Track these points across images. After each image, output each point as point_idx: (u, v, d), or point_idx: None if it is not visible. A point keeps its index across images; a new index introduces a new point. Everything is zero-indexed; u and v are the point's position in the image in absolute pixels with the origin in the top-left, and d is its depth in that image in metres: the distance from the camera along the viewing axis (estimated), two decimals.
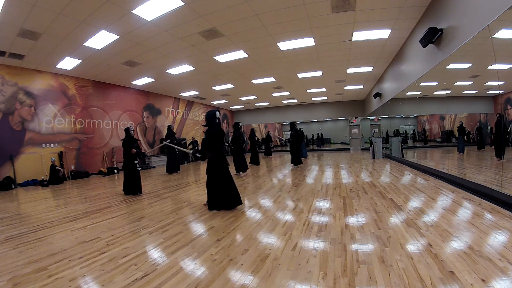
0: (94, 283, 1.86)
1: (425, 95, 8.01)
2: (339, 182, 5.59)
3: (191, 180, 7.15)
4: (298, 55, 7.60)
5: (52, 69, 7.66)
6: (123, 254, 2.34)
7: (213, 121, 3.80)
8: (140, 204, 4.40)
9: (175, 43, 6.34)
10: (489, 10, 3.21)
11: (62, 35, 5.51)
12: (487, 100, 6.21)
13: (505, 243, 2.15)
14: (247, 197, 4.55)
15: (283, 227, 2.89)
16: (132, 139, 5.41)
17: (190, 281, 1.83)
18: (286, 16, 5.23)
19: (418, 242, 2.27)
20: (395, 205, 3.51)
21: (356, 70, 9.51)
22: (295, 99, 15.92)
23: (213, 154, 3.76)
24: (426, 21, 5.12)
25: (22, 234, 3.05)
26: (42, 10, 4.49)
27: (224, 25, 5.54)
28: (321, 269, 1.91)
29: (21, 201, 5.30)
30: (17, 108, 7.24)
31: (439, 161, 8.65)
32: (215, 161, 3.75)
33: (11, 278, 1.97)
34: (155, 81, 9.85)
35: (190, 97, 13.69)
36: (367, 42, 6.74)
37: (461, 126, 7.14)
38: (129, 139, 5.36)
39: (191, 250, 2.37)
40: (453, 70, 5.63)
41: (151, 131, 11.88)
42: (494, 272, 1.71)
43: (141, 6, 4.61)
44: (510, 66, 4.12)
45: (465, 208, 3.26)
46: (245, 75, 9.59)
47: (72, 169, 8.50)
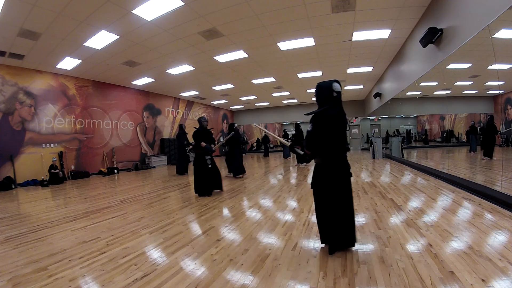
0: (94, 283, 1.86)
1: (425, 95, 8.01)
2: None
3: (191, 180, 7.14)
4: (298, 55, 7.60)
5: (52, 69, 7.65)
6: (123, 254, 2.34)
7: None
8: (140, 204, 4.40)
9: (175, 43, 6.34)
10: (489, 10, 3.21)
11: (62, 35, 5.51)
12: (487, 100, 6.21)
13: (505, 243, 2.15)
14: (247, 197, 4.54)
15: (283, 227, 2.89)
16: (205, 130, 4.87)
17: (190, 281, 1.83)
18: (286, 16, 5.23)
19: (418, 242, 2.27)
20: (395, 205, 3.51)
21: (356, 70, 9.51)
22: (295, 99, 15.92)
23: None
24: (426, 21, 5.12)
25: (22, 234, 3.05)
26: (42, 10, 4.49)
27: (224, 25, 5.54)
28: (321, 269, 1.91)
29: (21, 201, 5.30)
30: (17, 108, 7.24)
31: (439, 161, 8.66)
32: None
33: (11, 278, 1.97)
34: (155, 81, 9.85)
35: (190, 97, 13.69)
36: (367, 42, 6.74)
37: (473, 125, 7.18)
38: (201, 130, 4.82)
39: (191, 250, 2.37)
40: (453, 70, 5.63)
41: (151, 131, 11.88)
42: (494, 272, 1.71)
43: (141, 6, 4.61)
44: (510, 66, 4.12)
45: (465, 208, 3.26)
46: (245, 75, 9.59)
47: (72, 169, 8.50)
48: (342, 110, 2.20)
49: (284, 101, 16.31)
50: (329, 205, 2.16)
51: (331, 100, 2.16)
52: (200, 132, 4.80)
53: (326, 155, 2.17)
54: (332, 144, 2.14)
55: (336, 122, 2.13)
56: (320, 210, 2.24)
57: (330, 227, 2.16)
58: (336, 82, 2.19)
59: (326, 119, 2.11)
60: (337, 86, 2.17)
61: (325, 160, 2.19)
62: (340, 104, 2.20)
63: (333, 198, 2.14)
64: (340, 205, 2.14)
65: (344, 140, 2.22)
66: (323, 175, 2.18)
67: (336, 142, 2.15)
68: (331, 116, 2.12)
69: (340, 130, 2.17)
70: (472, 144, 7.24)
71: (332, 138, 2.13)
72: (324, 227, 2.22)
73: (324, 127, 2.12)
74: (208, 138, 4.85)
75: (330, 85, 2.17)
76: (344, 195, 2.16)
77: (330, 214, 2.16)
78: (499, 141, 5.56)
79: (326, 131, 2.11)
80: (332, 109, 2.14)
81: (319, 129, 2.13)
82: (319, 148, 2.17)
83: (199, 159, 4.75)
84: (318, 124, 2.14)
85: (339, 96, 2.18)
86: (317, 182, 2.23)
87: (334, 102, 2.16)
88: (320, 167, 2.23)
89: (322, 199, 2.21)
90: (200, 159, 4.74)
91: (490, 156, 5.84)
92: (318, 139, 2.15)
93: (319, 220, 2.26)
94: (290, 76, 10.06)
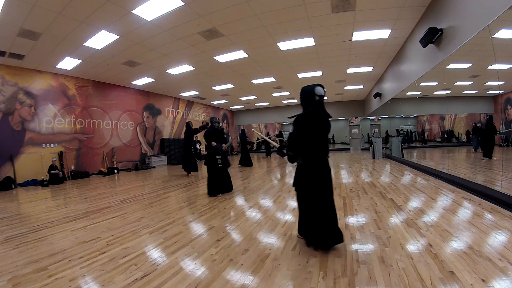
0: (94, 283, 1.86)
1: (425, 95, 8.01)
2: (339, 182, 5.59)
3: (191, 180, 7.14)
4: (298, 55, 7.60)
5: (52, 69, 7.66)
6: (123, 254, 2.34)
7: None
8: (140, 204, 4.40)
9: (175, 43, 6.34)
10: (489, 10, 3.21)
11: (62, 35, 5.51)
12: (487, 100, 6.21)
13: (505, 243, 2.15)
14: (247, 197, 4.54)
15: (283, 227, 2.89)
16: (216, 130, 4.89)
17: (190, 281, 1.83)
18: (286, 16, 5.23)
19: (418, 242, 2.27)
20: (395, 205, 3.51)
21: (356, 70, 9.51)
22: (295, 99, 15.91)
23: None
24: (426, 21, 5.12)
25: (22, 234, 3.05)
26: (42, 10, 4.49)
27: (224, 25, 5.54)
28: (321, 269, 1.91)
29: (21, 201, 5.30)
30: (17, 108, 7.24)
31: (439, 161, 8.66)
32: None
33: (11, 278, 1.97)
34: (155, 81, 9.85)
35: (190, 97, 13.69)
36: (367, 42, 6.74)
37: (475, 125, 7.21)
38: (212, 131, 4.85)
39: (191, 250, 2.37)
40: (453, 70, 5.63)
41: (151, 131, 11.88)
42: (494, 272, 1.71)
43: (141, 6, 4.61)
44: (510, 66, 4.12)
45: (465, 208, 3.26)
46: (245, 75, 9.59)
47: (72, 169, 8.50)
48: (325, 113, 2.29)
49: (284, 101, 16.31)
50: (309, 204, 2.27)
51: (313, 104, 2.25)
52: (211, 132, 4.85)
53: (306, 156, 2.27)
54: (312, 146, 2.24)
55: (316, 125, 2.23)
56: (302, 209, 2.37)
57: (310, 225, 2.28)
58: (319, 86, 2.28)
59: (306, 122, 2.22)
60: (320, 90, 2.26)
61: (305, 162, 2.29)
62: (322, 107, 2.28)
63: (313, 198, 2.25)
64: (320, 205, 2.23)
65: (325, 142, 2.30)
66: (304, 176, 2.29)
67: (317, 144, 2.25)
68: (312, 119, 2.22)
69: (321, 133, 2.26)
70: (474, 143, 7.25)
71: (312, 141, 2.23)
72: (305, 223, 2.36)
73: (304, 129, 2.22)
74: (219, 138, 4.87)
75: (312, 89, 2.26)
76: (324, 195, 2.24)
77: (310, 212, 2.27)
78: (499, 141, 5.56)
79: (306, 134, 2.22)
80: (314, 112, 2.24)
81: (299, 132, 2.24)
82: (299, 149, 2.29)
83: (210, 159, 4.78)
84: (299, 126, 2.24)
85: (321, 99, 2.27)
86: (298, 182, 2.33)
87: (316, 105, 2.25)
88: (302, 168, 2.32)
89: (303, 198, 2.33)
90: (212, 158, 4.76)
91: (490, 157, 5.85)
92: (298, 141, 2.26)
93: (301, 217, 2.42)
94: (290, 76, 10.06)
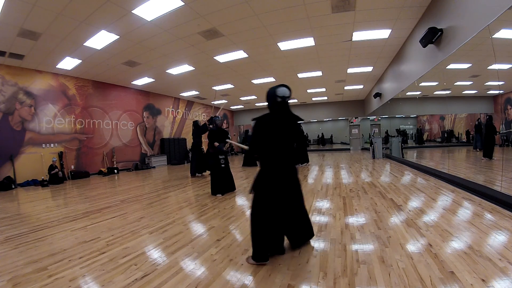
0: (94, 283, 1.86)
1: (425, 95, 8.02)
2: (339, 182, 5.59)
3: (191, 180, 7.14)
4: (298, 55, 7.60)
5: (52, 69, 7.66)
6: (123, 254, 2.34)
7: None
8: (140, 204, 4.40)
9: (175, 43, 6.34)
10: (489, 10, 3.21)
11: (62, 35, 5.51)
12: (487, 100, 6.21)
13: (505, 243, 2.15)
14: (247, 197, 4.54)
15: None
16: (219, 130, 4.86)
17: (190, 281, 1.83)
18: (286, 16, 5.23)
19: (418, 242, 2.27)
20: (395, 205, 3.51)
21: (356, 70, 9.51)
22: (295, 99, 15.91)
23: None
24: (426, 21, 5.12)
25: (22, 234, 3.05)
26: (42, 10, 4.49)
27: (224, 25, 5.54)
28: (321, 269, 1.91)
29: (21, 201, 5.30)
30: (17, 108, 7.24)
31: (439, 161, 8.66)
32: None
33: (11, 278, 1.97)
34: (155, 81, 9.85)
35: (190, 97, 13.69)
36: (367, 42, 6.74)
37: (478, 123, 7.22)
38: (216, 130, 4.83)
39: (191, 250, 2.37)
40: (453, 70, 5.63)
41: (151, 131, 11.88)
42: (494, 272, 1.71)
43: (141, 6, 4.61)
44: (510, 66, 4.12)
45: (465, 208, 3.26)
46: (245, 75, 9.59)
47: (72, 169, 8.51)
48: (289, 116, 2.16)
49: None
50: (260, 211, 2.08)
51: (275, 106, 2.14)
52: (215, 131, 4.84)
53: (264, 160, 2.15)
54: (270, 149, 2.10)
55: (273, 128, 2.09)
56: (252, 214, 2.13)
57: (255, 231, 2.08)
58: (282, 87, 2.15)
59: (263, 124, 2.11)
60: (282, 91, 2.13)
61: (262, 165, 2.16)
62: (285, 109, 2.15)
63: (265, 204, 2.07)
64: (271, 213, 2.06)
65: (286, 146, 2.14)
66: (261, 179, 2.14)
67: (274, 147, 2.10)
68: (269, 121, 2.11)
69: (280, 136, 2.11)
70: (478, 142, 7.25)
71: (270, 144, 2.09)
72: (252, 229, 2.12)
73: (261, 132, 2.10)
74: (223, 137, 4.84)
75: (274, 91, 2.14)
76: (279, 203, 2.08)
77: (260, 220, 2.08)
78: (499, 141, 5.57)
79: (264, 136, 2.10)
80: (274, 115, 2.13)
81: (256, 134, 2.12)
82: (258, 152, 2.18)
83: (213, 159, 4.78)
84: (256, 129, 2.13)
85: (284, 100, 2.13)
86: (255, 185, 2.17)
87: (277, 107, 2.13)
88: (260, 171, 2.18)
89: (256, 203, 2.13)
90: (214, 158, 4.76)
91: (490, 157, 5.85)
92: (256, 144, 2.14)
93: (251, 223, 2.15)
94: (290, 76, 10.06)
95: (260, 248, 2.05)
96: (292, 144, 2.21)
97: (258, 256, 2.05)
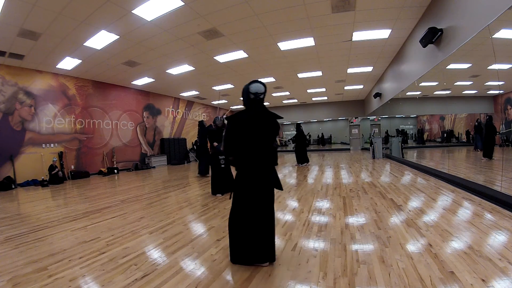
0: (94, 283, 1.86)
1: (425, 95, 8.01)
2: (339, 182, 5.59)
3: (191, 180, 7.15)
4: (298, 55, 7.60)
5: (52, 69, 7.66)
6: (123, 254, 2.34)
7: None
8: (140, 204, 4.40)
9: (175, 43, 6.34)
10: (489, 10, 3.21)
11: (62, 35, 5.51)
12: (487, 100, 6.21)
13: (505, 243, 2.15)
14: None
15: (283, 227, 2.89)
16: (219, 130, 4.91)
17: (190, 281, 1.83)
18: (286, 16, 5.23)
19: (418, 242, 2.27)
20: (395, 205, 3.51)
21: (356, 70, 9.51)
22: (295, 99, 15.92)
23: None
24: (426, 21, 5.12)
25: (22, 234, 3.05)
26: (42, 10, 4.49)
27: (224, 25, 5.54)
28: (321, 269, 1.91)
29: (21, 201, 5.30)
30: (17, 108, 7.24)
31: (439, 161, 8.66)
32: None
33: (11, 278, 1.97)
34: (155, 81, 9.85)
35: (190, 97, 13.69)
36: (367, 42, 6.74)
37: (478, 123, 7.24)
38: (216, 130, 4.89)
39: (191, 250, 2.37)
40: (453, 70, 5.63)
41: (151, 131, 11.88)
42: (494, 272, 1.71)
43: (141, 6, 4.61)
44: (510, 66, 4.12)
45: (465, 208, 3.26)
46: (245, 75, 9.58)
47: (72, 169, 8.50)
48: (263, 113, 2.04)
49: (284, 101, 16.31)
50: (237, 213, 2.05)
51: (248, 103, 2.05)
52: (214, 131, 4.92)
53: (238, 161, 2.06)
54: (244, 149, 2.00)
55: (244, 126, 1.99)
56: (230, 217, 2.10)
57: (231, 234, 2.07)
58: (255, 83, 2.03)
59: (234, 123, 2.02)
60: (255, 87, 2.01)
61: (237, 167, 2.08)
62: (258, 106, 2.03)
63: (240, 205, 2.03)
64: (246, 215, 2.00)
65: (260, 145, 2.01)
66: (237, 182, 2.07)
67: (246, 146, 1.99)
68: (239, 120, 2.01)
69: (254, 135, 1.99)
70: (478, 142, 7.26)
71: (241, 142, 1.99)
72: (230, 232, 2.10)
73: (234, 132, 2.01)
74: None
75: (247, 88, 2.03)
76: (253, 205, 1.99)
77: (236, 222, 2.04)
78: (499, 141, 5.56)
79: (235, 135, 2.01)
80: (246, 113, 2.03)
81: (229, 134, 2.04)
82: (232, 154, 2.07)
83: (214, 159, 4.82)
84: (228, 128, 2.05)
85: (257, 97, 2.02)
86: (233, 189, 2.12)
87: (250, 105, 2.04)
88: (236, 174, 2.10)
89: (233, 206, 2.09)
90: (214, 159, 4.80)
91: (490, 157, 5.85)
92: (229, 144, 2.05)
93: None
94: (290, 76, 10.06)
95: (233, 249, 2.06)
96: (268, 143, 2.06)
97: (232, 257, 2.07)
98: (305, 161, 9.05)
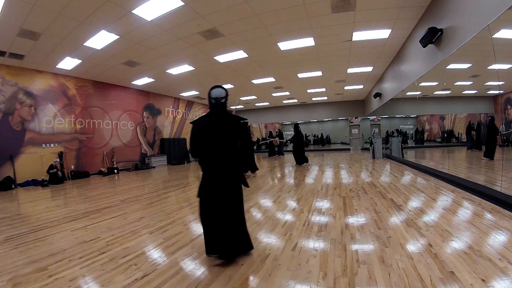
0: (94, 283, 1.86)
1: (425, 95, 8.01)
2: (339, 182, 5.59)
3: (191, 180, 7.14)
4: (298, 55, 7.59)
5: (52, 69, 7.66)
6: (123, 254, 2.34)
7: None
8: (140, 204, 4.40)
9: (175, 43, 6.33)
10: (489, 10, 3.21)
11: (62, 35, 5.51)
12: (487, 100, 6.21)
13: (505, 243, 2.15)
14: (247, 197, 4.54)
15: (283, 227, 2.89)
16: None
17: (190, 281, 1.83)
18: (286, 16, 5.23)
19: (418, 242, 2.27)
20: (395, 205, 3.51)
21: (356, 70, 9.51)
22: (295, 99, 15.91)
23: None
24: (426, 21, 5.12)
25: (22, 234, 3.05)
26: (42, 10, 4.49)
27: (224, 25, 5.54)
28: (321, 269, 1.91)
29: (21, 201, 5.30)
30: (17, 108, 7.24)
31: (439, 161, 8.66)
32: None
33: (11, 278, 1.97)
34: (155, 81, 9.85)
35: (190, 97, 13.69)
36: (367, 42, 6.74)
37: (470, 125, 7.29)
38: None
39: (191, 250, 2.37)
40: (453, 70, 5.63)
41: (151, 131, 11.88)
42: (494, 272, 1.71)
43: (141, 6, 4.61)
44: (510, 66, 4.12)
45: (465, 208, 3.26)
46: (245, 75, 9.59)
47: (72, 169, 8.50)
48: (223, 117, 2.14)
49: (284, 101, 16.30)
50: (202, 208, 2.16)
51: (211, 107, 2.19)
52: None
53: (201, 160, 2.18)
54: (202, 152, 2.14)
55: (206, 129, 2.10)
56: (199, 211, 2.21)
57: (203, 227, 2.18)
58: (215, 88, 2.17)
59: (197, 127, 2.16)
60: (215, 93, 2.17)
61: (201, 165, 2.19)
62: (219, 110, 2.15)
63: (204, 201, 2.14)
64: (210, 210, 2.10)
65: (221, 149, 2.10)
66: (202, 178, 2.17)
67: (205, 150, 2.11)
68: (200, 124, 2.15)
69: (213, 136, 2.09)
70: (469, 143, 7.34)
71: (202, 146, 2.12)
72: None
73: (197, 135, 2.14)
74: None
75: (209, 93, 2.18)
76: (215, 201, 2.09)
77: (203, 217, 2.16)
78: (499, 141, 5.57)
79: (198, 138, 2.12)
80: (209, 116, 2.16)
81: (192, 137, 2.17)
82: (197, 156, 2.20)
83: None
84: (192, 132, 2.19)
85: (217, 102, 2.15)
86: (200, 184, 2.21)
87: (212, 109, 2.17)
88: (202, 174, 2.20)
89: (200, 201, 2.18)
90: None
91: (491, 157, 5.85)
92: (194, 147, 2.18)
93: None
94: (290, 76, 10.06)
95: (206, 242, 2.16)
96: (230, 144, 2.14)
97: (206, 249, 2.17)
98: (304, 161, 9.06)
